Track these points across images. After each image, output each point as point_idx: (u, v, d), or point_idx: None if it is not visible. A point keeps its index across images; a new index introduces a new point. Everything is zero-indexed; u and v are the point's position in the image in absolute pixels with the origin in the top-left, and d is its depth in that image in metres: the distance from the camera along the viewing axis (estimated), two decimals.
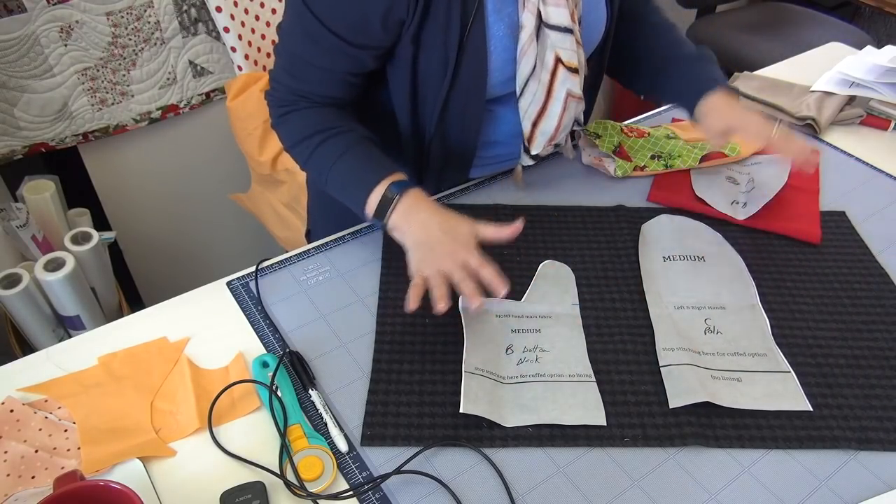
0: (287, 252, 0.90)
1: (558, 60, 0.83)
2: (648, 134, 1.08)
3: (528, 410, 0.71)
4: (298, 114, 0.85)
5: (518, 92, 0.86)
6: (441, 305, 0.72)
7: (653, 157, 1.03)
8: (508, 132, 0.93)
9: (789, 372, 0.76)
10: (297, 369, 0.74)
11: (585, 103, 0.93)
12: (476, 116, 0.87)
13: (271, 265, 0.88)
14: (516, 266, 0.87)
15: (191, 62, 1.51)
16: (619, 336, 0.79)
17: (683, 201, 0.97)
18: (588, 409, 0.71)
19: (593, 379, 0.74)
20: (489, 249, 0.89)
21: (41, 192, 1.32)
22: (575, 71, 0.84)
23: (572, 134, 0.99)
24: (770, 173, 1.01)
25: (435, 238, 0.76)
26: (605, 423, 0.70)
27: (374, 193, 0.79)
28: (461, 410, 0.68)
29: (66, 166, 1.51)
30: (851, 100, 1.19)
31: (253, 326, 0.80)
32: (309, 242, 1.14)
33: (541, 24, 0.80)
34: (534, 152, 0.92)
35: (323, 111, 0.85)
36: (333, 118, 0.84)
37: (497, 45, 0.82)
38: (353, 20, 0.77)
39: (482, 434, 0.69)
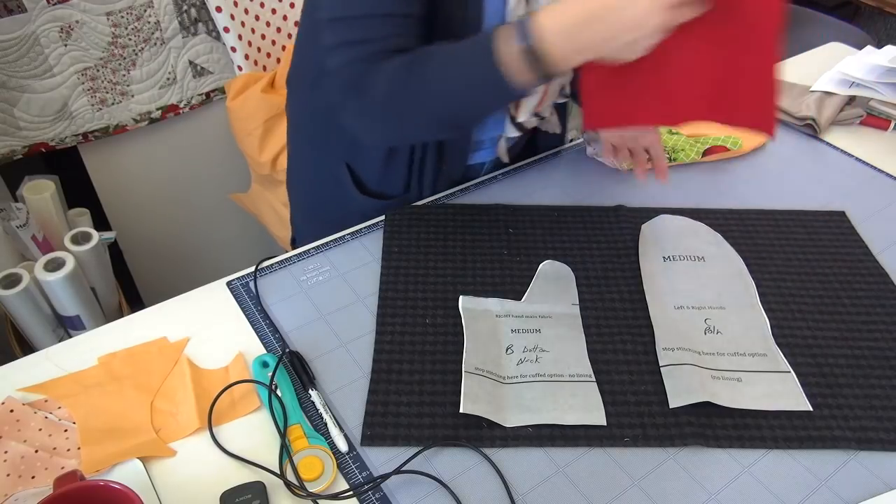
0: (287, 252, 0.90)
1: None
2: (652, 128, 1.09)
3: (528, 410, 0.71)
4: (377, 69, 0.74)
5: None
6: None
7: None
8: None
9: (789, 372, 0.76)
10: (297, 369, 0.74)
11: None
12: None
13: (271, 265, 0.88)
14: (516, 266, 0.87)
15: (191, 62, 1.51)
16: (619, 336, 0.79)
17: (624, 116, 0.74)
18: (589, 409, 0.71)
19: (593, 379, 0.74)
20: (488, 250, 0.89)
21: (41, 192, 1.32)
22: None
23: (557, 108, 0.98)
24: None
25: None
26: (605, 423, 0.70)
27: (503, 32, 0.67)
28: (461, 410, 0.68)
29: (66, 166, 1.51)
30: (851, 100, 1.19)
31: (253, 326, 0.80)
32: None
33: None
34: (520, 119, 0.90)
35: (397, 55, 0.74)
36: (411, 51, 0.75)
37: (490, 9, 0.80)
38: None
39: (482, 434, 0.69)
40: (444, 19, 0.78)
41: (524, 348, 0.77)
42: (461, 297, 0.80)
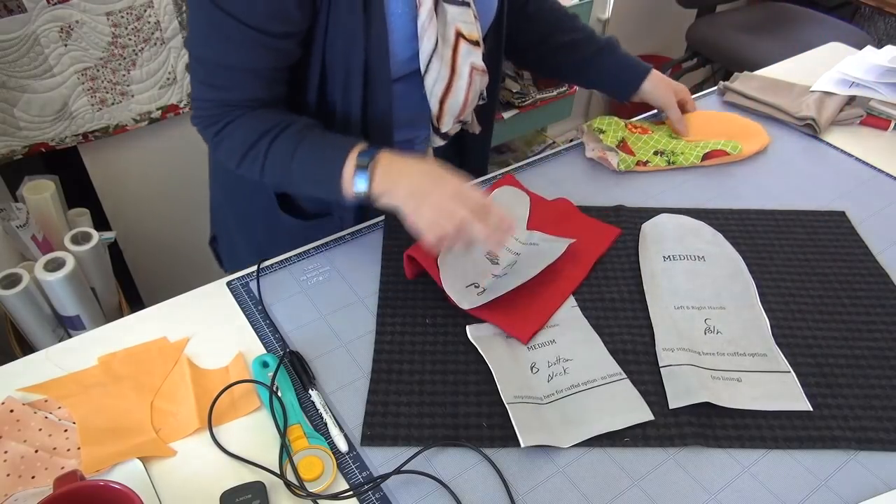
0: (287, 252, 0.90)
1: (459, 35, 0.82)
2: (651, 131, 1.09)
3: (579, 424, 0.70)
4: (234, 124, 0.80)
5: (423, 70, 0.84)
6: (458, 246, 0.73)
7: (655, 154, 1.04)
8: (416, 113, 0.90)
9: (789, 372, 0.76)
10: (297, 369, 0.74)
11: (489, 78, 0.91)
12: (384, 97, 0.84)
13: (271, 265, 0.88)
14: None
15: None
16: (619, 336, 0.79)
17: (431, 266, 0.82)
18: (632, 408, 0.71)
19: (624, 375, 0.74)
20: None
21: (41, 192, 1.32)
22: (476, 44, 0.84)
23: (477, 110, 0.98)
24: (535, 259, 0.85)
25: (428, 182, 0.74)
26: (652, 418, 0.70)
27: (347, 168, 0.75)
28: (522, 445, 0.66)
29: (66, 166, 1.51)
30: (851, 100, 1.19)
31: (253, 326, 0.80)
32: (214, 250, 1.13)
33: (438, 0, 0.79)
34: (443, 130, 0.91)
35: (258, 114, 0.80)
36: (272, 117, 0.80)
37: (397, 23, 0.80)
38: (269, 8, 0.72)
39: (482, 434, 0.69)
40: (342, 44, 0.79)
41: (547, 363, 0.76)
42: (468, 327, 0.79)
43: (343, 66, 0.80)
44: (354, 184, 0.75)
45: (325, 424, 0.69)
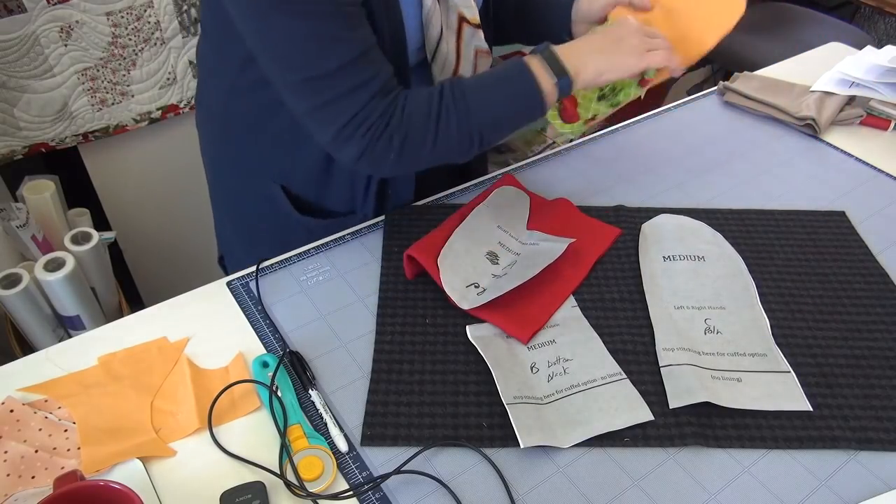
0: (287, 252, 0.90)
1: (462, 19, 0.82)
2: None
3: (578, 425, 0.70)
4: (406, 98, 0.74)
5: (430, 58, 0.84)
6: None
7: (599, 99, 0.92)
8: None
9: (789, 372, 0.76)
10: (297, 369, 0.74)
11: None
12: (404, 84, 0.80)
13: (271, 265, 0.88)
14: None
15: (191, 62, 1.51)
16: (619, 336, 0.79)
17: (431, 266, 0.82)
18: (632, 408, 0.71)
19: (624, 375, 0.74)
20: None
21: (41, 192, 1.32)
22: (478, 27, 0.84)
23: None
24: (535, 259, 0.85)
25: (607, 39, 0.80)
26: (652, 418, 0.70)
27: (536, 71, 0.77)
28: (522, 446, 0.66)
29: (66, 166, 1.51)
30: (851, 100, 1.19)
31: (253, 326, 0.80)
32: (224, 268, 1.12)
33: None
34: None
35: (412, 91, 0.76)
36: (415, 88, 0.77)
37: (408, 11, 0.79)
38: None
39: (482, 434, 0.69)
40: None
41: (547, 363, 0.76)
42: (468, 327, 0.79)
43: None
44: (552, 76, 0.77)
45: (325, 424, 0.69)
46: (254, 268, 0.87)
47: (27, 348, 1.31)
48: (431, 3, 0.80)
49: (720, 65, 2.27)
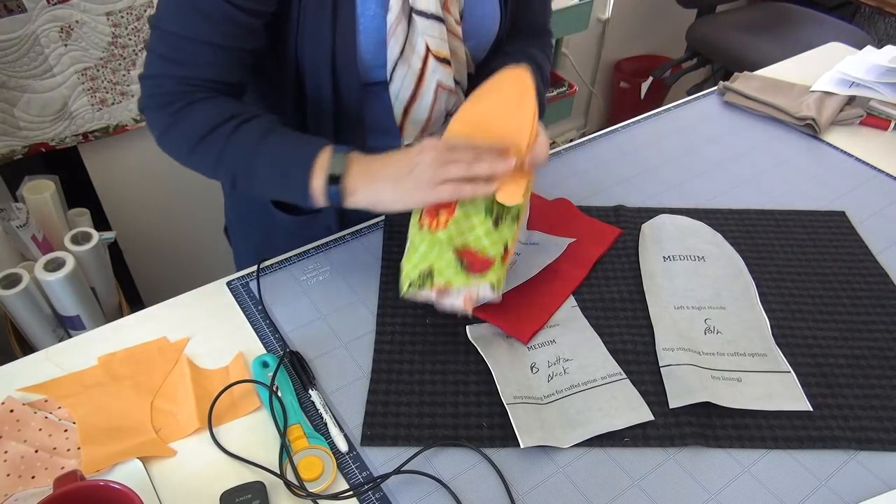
0: (287, 252, 0.90)
1: (428, 49, 0.81)
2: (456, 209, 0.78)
3: (579, 425, 0.70)
4: (196, 105, 0.74)
5: (388, 75, 0.82)
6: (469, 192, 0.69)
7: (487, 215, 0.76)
8: (391, 121, 0.88)
9: (789, 372, 0.76)
10: (297, 369, 0.74)
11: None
12: (354, 100, 0.82)
13: (271, 265, 0.88)
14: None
15: None
16: (619, 336, 0.79)
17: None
18: (632, 408, 0.71)
19: (624, 375, 0.74)
20: None
21: (41, 192, 1.32)
22: (445, 62, 0.82)
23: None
24: (535, 259, 0.85)
25: (413, 162, 0.70)
26: (652, 418, 0.70)
27: (319, 163, 0.71)
28: (522, 446, 0.66)
29: (66, 166, 1.51)
30: (851, 100, 1.19)
31: (253, 326, 0.80)
32: (229, 238, 1.11)
33: (411, 8, 0.78)
34: (405, 142, 0.89)
35: (222, 100, 0.75)
36: (237, 105, 0.75)
37: (368, 25, 0.78)
38: None
39: (482, 434, 0.69)
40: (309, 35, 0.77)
41: (547, 363, 0.76)
42: (468, 327, 0.79)
43: (312, 64, 0.79)
44: (325, 181, 0.71)
45: (325, 424, 0.69)
46: (254, 268, 0.87)
47: (27, 348, 1.31)
48: (394, 21, 0.78)
49: (720, 65, 2.27)
